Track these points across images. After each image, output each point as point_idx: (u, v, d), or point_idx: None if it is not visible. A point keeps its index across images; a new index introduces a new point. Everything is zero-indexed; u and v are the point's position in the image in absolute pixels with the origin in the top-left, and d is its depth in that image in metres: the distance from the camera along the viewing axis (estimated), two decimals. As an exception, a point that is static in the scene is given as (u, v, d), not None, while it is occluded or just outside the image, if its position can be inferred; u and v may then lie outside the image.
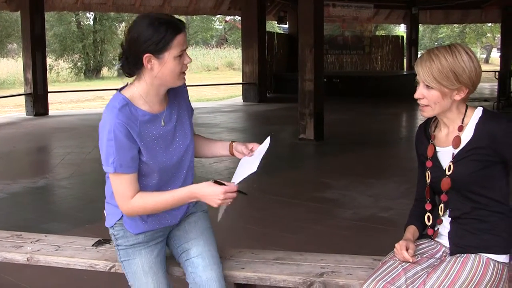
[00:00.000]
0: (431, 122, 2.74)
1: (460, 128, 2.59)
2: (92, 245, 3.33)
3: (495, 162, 2.52)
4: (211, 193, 2.59)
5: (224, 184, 2.62)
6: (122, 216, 2.79)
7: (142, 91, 2.66)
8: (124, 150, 2.57)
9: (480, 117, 2.55)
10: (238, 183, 2.69)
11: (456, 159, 2.58)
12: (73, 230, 5.79)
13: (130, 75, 2.67)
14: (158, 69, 2.59)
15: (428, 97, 2.57)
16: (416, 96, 2.60)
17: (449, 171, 2.59)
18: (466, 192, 2.59)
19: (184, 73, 2.68)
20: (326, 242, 5.50)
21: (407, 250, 2.62)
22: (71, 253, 3.26)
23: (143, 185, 2.70)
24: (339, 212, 6.49)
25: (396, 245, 2.66)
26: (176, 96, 2.82)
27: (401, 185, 7.61)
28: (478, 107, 2.62)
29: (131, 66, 2.63)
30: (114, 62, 34.09)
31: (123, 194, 2.64)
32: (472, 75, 2.51)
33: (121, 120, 2.56)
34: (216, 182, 2.62)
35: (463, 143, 2.57)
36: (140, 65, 2.60)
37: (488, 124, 2.52)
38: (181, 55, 2.61)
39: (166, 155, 2.71)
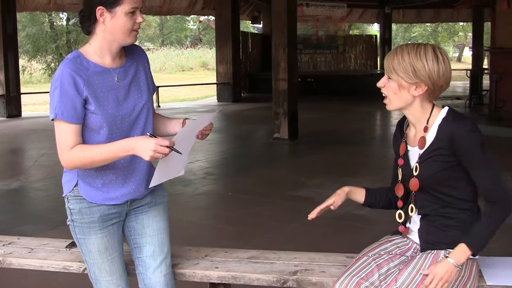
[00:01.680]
0: (406, 119, 2.77)
1: (425, 129, 2.62)
2: (66, 247, 3.31)
3: (457, 163, 2.55)
4: (144, 144, 2.53)
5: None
6: (77, 182, 2.75)
7: (96, 45, 2.69)
8: (68, 98, 2.56)
9: (444, 118, 2.58)
10: (174, 143, 2.59)
11: (421, 159, 2.62)
12: (47, 232, 5.73)
13: (88, 33, 2.71)
14: (110, 23, 2.63)
15: (387, 86, 2.63)
16: (378, 84, 2.67)
17: (415, 171, 2.63)
18: (432, 191, 2.63)
19: (136, 31, 2.70)
20: (301, 241, 5.52)
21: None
22: (44, 255, 3.24)
23: (92, 140, 2.67)
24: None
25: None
26: (134, 59, 2.83)
27: (376, 183, 7.63)
28: (445, 107, 2.64)
29: (86, 20, 2.67)
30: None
31: (63, 144, 2.62)
32: (433, 74, 2.53)
33: (70, 69, 2.58)
34: (151, 135, 2.59)
35: (427, 144, 2.60)
36: (94, 19, 2.64)
37: (449, 125, 2.54)
38: (134, 12, 2.64)
39: (116, 108, 2.68)
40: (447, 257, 2.52)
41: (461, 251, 2.52)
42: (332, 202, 2.90)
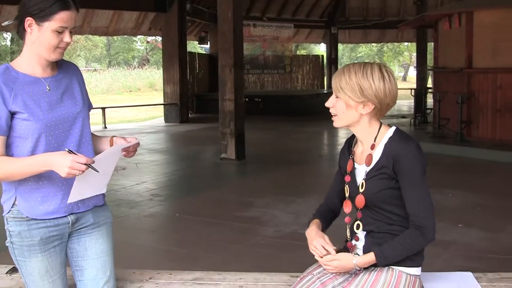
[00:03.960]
0: (355, 137, 2.80)
1: (372, 147, 2.65)
2: (6, 273, 3.25)
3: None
4: (60, 160, 2.50)
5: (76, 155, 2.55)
6: (15, 199, 2.71)
7: (25, 56, 2.70)
8: None
9: (390, 138, 2.62)
10: (94, 161, 2.56)
11: (367, 177, 2.64)
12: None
13: (20, 37, 2.71)
14: (36, 36, 2.63)
15: (336, 106, 2.65)
16: (326, 104, 2.69)
17: (361, 188, 2.65)
18: (378, 208, 2.65)
19: (61, 49, 2.69)
20: (247, 261, 5.53)
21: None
22: (-17, 282, 3.17)
23: (25, 150, 2.64)
24: (260, 230, 6.53)
25: (314, 242, 2.69)
26: (67, 72, 2.83)
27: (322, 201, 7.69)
28: (392, 127, 2.68)
29: (18, 25, 2.67)
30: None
31: None
32: (379, 93, 2.57)
33: None
34: (70, 151, 2.54)
35: (373, 161, 2.63)
36: (22, 27, 2.65)
37: (393, 145, 2.58)
38: (62, 32, 2.64)
39: (48, 113, 2.66)
40: (356, 255, 2.64)
41: (368, 258, 2.61)
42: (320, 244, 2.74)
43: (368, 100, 2.58)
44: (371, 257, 2.60)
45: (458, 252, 5.74)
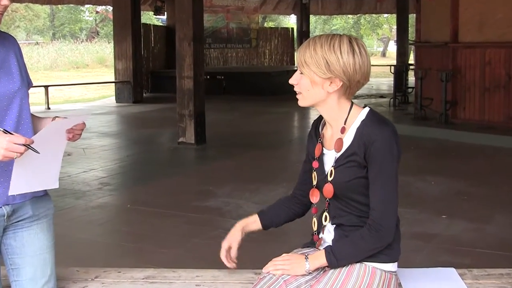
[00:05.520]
0: (323, 119, 2.75)
1: (343, 130, 2.61)
2: None
3: None
4: None
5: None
6: None
7: None
8: None
9: (362, 121, 2.57)
10: (33, 141, 2.48)
11: (336, 164, 2.60)
12: None
13: None
14: None
15: (300, 83, 2.61)
16: (290, 81, 2.64)
17: (330, 176, 2.62)
18: (347, 199, 2.62)
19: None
20: (206, 256, 5.49)
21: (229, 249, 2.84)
22: None
23: None
24: (222, 223, 6.51)
25: (221, 250, 2.85)
26: (3, 46, 2.74)
27: (291, 191, 7.70)
28: (365, 108, 2.64)
29: None
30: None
31: None
32: (348, 68, 2.51)
33: None
34: (5, 132, 2.45)
35: (344, 147, 2.59)
36: None
37: (366, 129, 2.53)
38: None
39: None
40: (306, 258, 2.60)
41: (319, 257, 2.59)
42: (227, 246, 2.92)
43: (335, 76, 2.53)
44: (320, 258, 2.58)
45: (441, 246, 5.78)
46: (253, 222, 2.97)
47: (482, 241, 5.89)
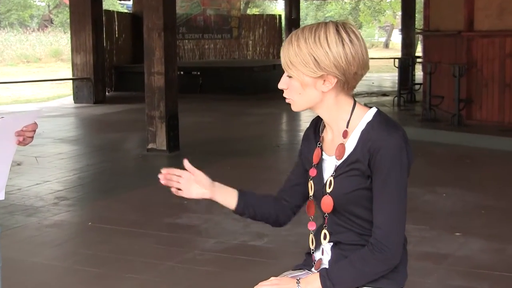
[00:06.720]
0: (323, 120, 2.74)
1: (345, 134, 2.60)
2: None
3: None
4: None
5: None
6: None
7: None
8: None
9: (368, 123, 2.56)
10: None
11: (336, 173, 2.60)
12: None
13: None
14: None
15: (290, 87, 2.60)
16: (279, 85, 2.63)
17: (329, 187, 2.61)
18: (348, 214, 2.62)
19: None
20: (181, 282, 5.52)
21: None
22: None
23: None
24: (198, 242, 6.52)
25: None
26: None
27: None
28: (372, 108, 2.63)
29: None
30: None
31: None
32: (340, 62, 2.49)
33: None
34: None
35: (346, 153, 2.58)
36: None
37: (372, 134, 2.53)
38: None
39: None
40: (298, 282, 2.56)
41: (312, 282, 2.57)
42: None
43: (327, 73, 2.52)
44: (315, 282, 2.56)
45: (454, 268, 5.79)
46: (228, 194, 3.01)
47: (503, 263, 5.90)
